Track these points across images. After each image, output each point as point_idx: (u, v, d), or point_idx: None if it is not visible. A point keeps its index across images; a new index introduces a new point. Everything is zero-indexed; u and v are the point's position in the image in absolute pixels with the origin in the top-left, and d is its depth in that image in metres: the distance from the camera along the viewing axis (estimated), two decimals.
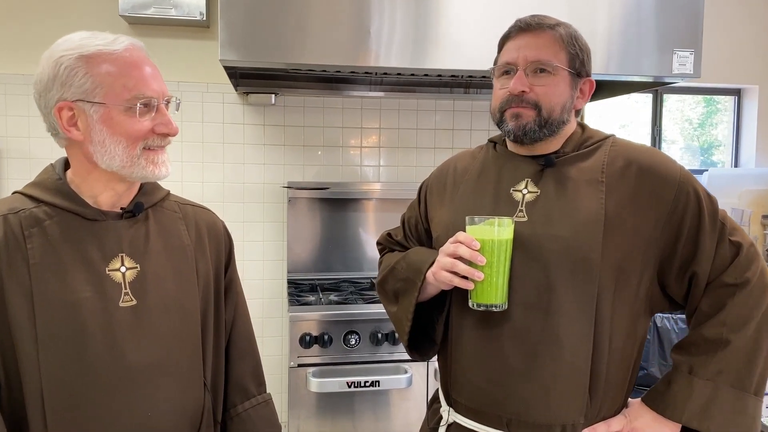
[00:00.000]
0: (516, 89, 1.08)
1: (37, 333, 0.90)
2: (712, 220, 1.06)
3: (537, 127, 1.08)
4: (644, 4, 2.12)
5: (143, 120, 0.94)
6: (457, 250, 1.04)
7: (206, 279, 1.08)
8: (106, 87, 0.92)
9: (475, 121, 2.76)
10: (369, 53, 2.00)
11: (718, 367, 1.03)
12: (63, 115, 0.94)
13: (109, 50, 0.93)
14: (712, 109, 3.21)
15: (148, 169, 0.96)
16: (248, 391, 1.13)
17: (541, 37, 1.09)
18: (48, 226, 0.94)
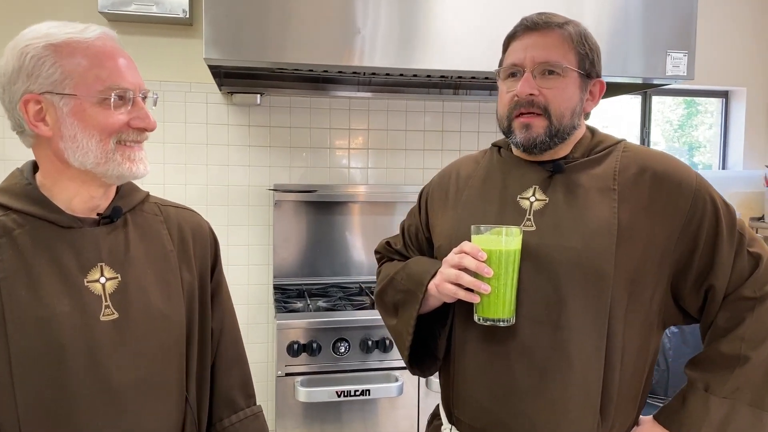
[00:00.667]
0: (524, 92, 1.02)
1: (10, 353, 0.82)
2: (730, 231, 1.01)
3: (548, 138, 1.03)
4: (637, 5, 2.09)
5: (118, 113, 0.88)
6: (462, 261, 0.98)
7: (191, 287, 1.01)
8: (77, 78, 0.86)
9: (465, 122, 2.72)
10: (357, 53, 1.95)
11: (736, 385, 0.98)
12: (29, 108, 0.86)
13: (79, 38, 0.87)
14: (693, 111, 3.21)
15: (124, 166, 0.89)
16: (236, 403, 1.06)
17: (549, 37, 1.03)
18: (18, 235, 0.87)
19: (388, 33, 1.97)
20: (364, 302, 2.17)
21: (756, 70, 3.00)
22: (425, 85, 2.58)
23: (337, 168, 2.62)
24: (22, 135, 0.91)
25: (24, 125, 0.88)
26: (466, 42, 2.02)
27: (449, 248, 1.04)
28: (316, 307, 2.10)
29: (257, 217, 2.55)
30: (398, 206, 2.60)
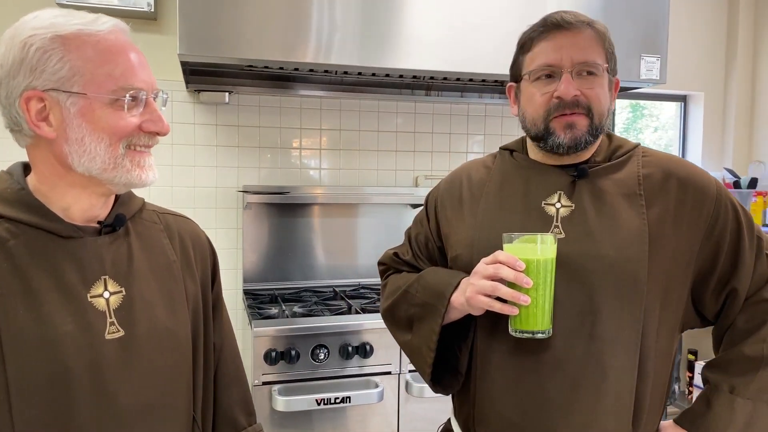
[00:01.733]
0: (569, 94, 0.98)
1: (7, 378, 0.73)
2: (751, 235, 1.02)
3: (591, 137, 1.00)
4: (613, 10, 2.12)
5: (130, 115, 0.80)
6: (498, 272, 0.92)
7: (195, 300, 0.94)
8: (86, 75, 0.77)
9: (437, 124, 2.70)
10: (328, 51, 1.92)
11: (759, 385, 0.99)
12: (31, 106, 0.77)
13: (90, 31, 0.78)
14: (638, 115, 3.28)
15: (133, 173, 0.81)
16: (237, 422, 0.99)
17: (583, 36, 0.99)
18: (13, 246, 0.77)
19: (360, 32, 1.94)
20: (341, 307, 2.11)
21: (713, 76, 3.10)
22: (397, 85, 2.55)
23: (308, 169, 2.56)
24: (18, 134, 0.82)
25: (22, 124, 0.79)
26: (438, 43, 2.01)
27: (470, 258, 1.00)
28: (292, 313, 2.03)
29: (225, 219, 2.46)
30: (371, 208, 2.56)
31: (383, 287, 1.22)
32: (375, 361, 1.95)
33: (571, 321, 0.97)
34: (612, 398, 0.96)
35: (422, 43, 1.99)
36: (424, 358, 1.06)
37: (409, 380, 1.97)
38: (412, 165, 2.68)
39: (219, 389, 0.99)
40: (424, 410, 2.01)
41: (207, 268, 0.99)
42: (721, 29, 3.10)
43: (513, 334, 0.96)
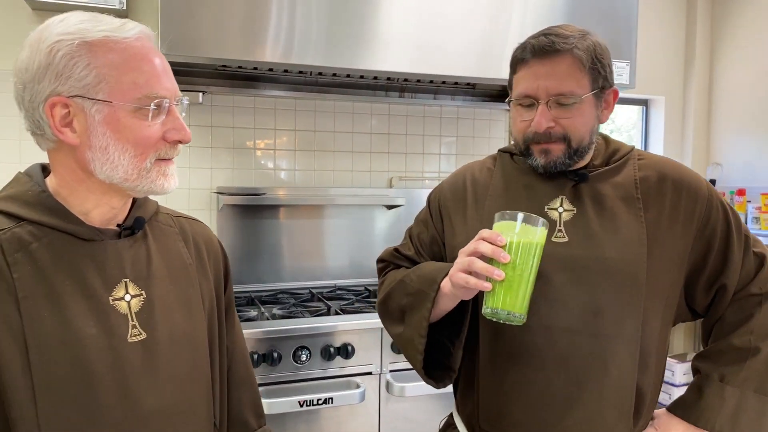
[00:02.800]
0: (541, 127, 1.00)
1: (33, 381, 0.72)
2: (739, 233, 1.07)
3: (568, 159, 1.03)
4: (582, 15, 2.18)
5: (154, 124, 0.79)
6: (478, 247, 0.93)
7: (210, 304, 0.94)
8: (111, 82, 0.76)
9: (411, 125, 2.72)
10: (301, 52, 1.91)
11: (747, 374, 1.04)
12: (56, 112, 0.77)
13: (117, 38, 0.77)
14: None
15: (157, 182, 0.81)
16: (248, 424, 1.00)
17: (561, 64, 0.99)
18: (35, 249, 0.76)
19: (333, 33, 1.94)
20: (320, 308, 2.11)
21: (673, 80, 3.22)
22: (371, 87, 2.56)
23: (282, 170, 2.54)
24: (40, 137, 0.81)
25: (45, 128, 0.78)
26: (409, 45, 2.03)
27: None
28: (272, 315, 2.02)
29: None
30: (346, 209, 2.57)
31: (381, 283, 1.23)
32: (356, 362, 1.96)
33: (575, 320, 1.00)
34: (615, 393, 1.00)
35: (392, 45, 2.01)
36: (415, 346, 1.05)
37: (390, 380, 1.98)
38: (387, 166, 2.70)
39: (231, 391, 0.98)
40: (405, 410, 2.03)
41: (220, 271, 0.98)
42: (680, 35, 3.22)
43: (484, 313, 0.94)
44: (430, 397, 2.04)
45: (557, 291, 1.00)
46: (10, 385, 0.72)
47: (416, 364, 1.08)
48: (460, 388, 1.15)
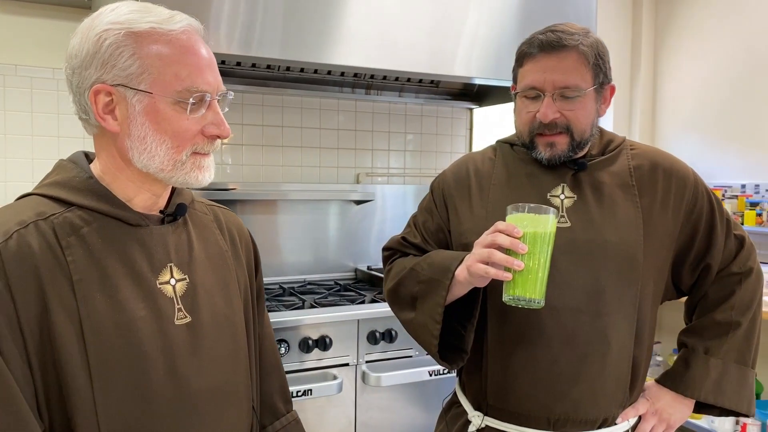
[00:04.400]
0: (547, 117, 1.06)
1: (89, 362, 0.74)
2: (722, 218, 1.17)
3: (571, 152, 1.10)
4: (542, 15, 2.28)
5: (193, 117, 0.80)
6: (495, 240, 0.98)
7: (245, 290, 0.96)
8: (154, 73, 0.77)
9: (377, 122, 2.77)
10: (268, 44, 1.91)
11: (729, 347, 1.14)
12: (99, 99, 0.78)
13: (164, 30, 0.78)
14: None
15: (192, 174, 0.82)
16: (277, 409, 1.03)
17: (567, 59, 1.06)
18: (86, 234, 0.78)
19: (299, 28, 1.95)
20: (295, 302, 2.13)
21: (621, 83, 3.39)
22: (338, 83, 2.60)
23: (250, 165, 2.54)
24: (86, 123, 0.82)
25: (90, 114, 0.79)
26: (378, 41, 2.05)
27: None
28: None
29: None
30: (315, 205, 2.59)
31: (388, 271, 1.26)
32: (334, 354, 1.99)
33: (579, 300, 1.07)
34: (614, 366, 1.08)
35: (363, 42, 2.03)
36: (430, 331, 1.10)
37: (366, 371, 2.03)
38: (354, 162, 2.74)
39: (261, 377, 1.01)
40: (380, 399, 2.08)
41: (251, 259, 1.01)
42: (626, 40, 3.40)
43: (506, 301, 0.99)
44: (404, 386, 2.10)
45: (561, 273, 1.07)
46: (67, 364, 0.74)
47: (431, 348, 1.12)
48: (465, 368, 1.21)
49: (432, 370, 2.10)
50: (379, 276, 2.49)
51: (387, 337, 2.06)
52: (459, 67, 2.19)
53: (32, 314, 0.73)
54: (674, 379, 1.17)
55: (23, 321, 0.72)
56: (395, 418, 2.13)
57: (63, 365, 0.74)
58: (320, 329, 1.97)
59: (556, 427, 1.10)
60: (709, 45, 3.22)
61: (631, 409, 1.13)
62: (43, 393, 0.74)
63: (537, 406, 1.09)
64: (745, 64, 3.07)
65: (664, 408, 1.16)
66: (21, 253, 0.74)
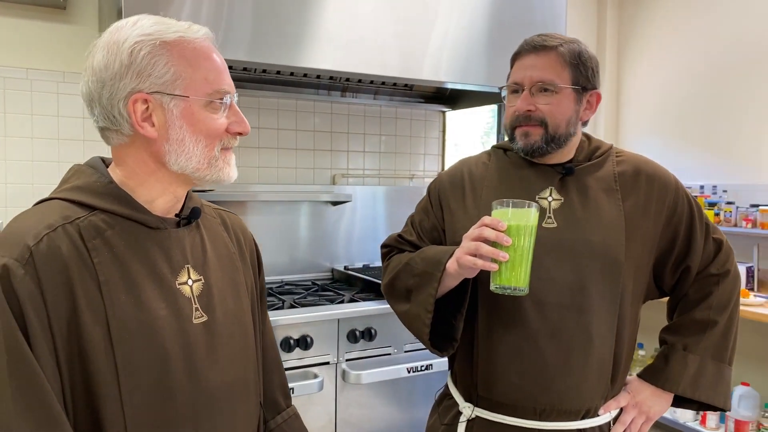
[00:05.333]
0: (521, 109, 1.15)
1: (116, 360, 0.77)
2: (701, 222, 1.24)
3: (544, 144, 1.17)
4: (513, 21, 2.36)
5: (222, 116, 0.85)
6: (482, 233, 1.04)
7: (251, 290, 1.00)
8: (186, 79, 0.82)
9: (352, 124, 2.81)
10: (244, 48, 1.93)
11: (706, 344, 1.21)
12: (137, 108, 0.81)
13: (190, 38, 0.83)
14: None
15: (224, 170, 0.87)
16: (278, 404, 1.06)
17: (545, 58, 1.15)
18: (110, 236, 0.81)
19: (277, 31, 1.97)
20: (275, 302, 2.16)
21: None
22: (314, 86, 2.63)
23: None
24: (114, 132, 0.84)
25: (123, 124, 0.82)
26: (349, 44, 2.08)
27: None
28: None
29: None
30: (291, 206, 2.61)
31: (385, 267, 1.32)
32: (314, 353, 2.03)
33: (564, 296, 1.14)
34: (597, 360, 1.15)
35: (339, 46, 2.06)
36: (422, 320, 1.16)
37: (346, 369, 2.07)
38: (330, 164, 2.77)
39: (263, 374, 1.04)
40: (359, 396, 2.13)
41: (254, 259, 1.05)
42: (591, 43, 3.51)
43: (493, 289, 1.06)
44: (383, 383, 2.15)
45: (548, 270, 1.13)
46: (95, 362, 0.77)
47: (423, 336, 1.18)
48: (457, 361, 1.26)
49: (410, 367, 2.16)
50: (355, 276, 2.54)
51: (366, 336, 2.11)
52: (428, 71, 2.24)
53: (62, 314, 0.76)
54: (654, 373, 1.24)
55: (53, 321, 0.75)
56: (374, 414, 2.18)
57: (90, 363, 0.77)
58: (301, 329, 2.01)
59: (542, 417, 1.16)
60: (670, 51, 3.36)
61: (612, 402, 1.20)
62: (69, 390, 0.77)
63: (524, 397, 1.15)
64: (703, 69, 3.22)
65: (644, 401, 1.23)
66: (51, 255, 0.76)
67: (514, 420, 1.17)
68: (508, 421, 1.18)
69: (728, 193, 3.09)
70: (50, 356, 0.75)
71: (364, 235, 2.80)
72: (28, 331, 0.73)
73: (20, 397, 0.71)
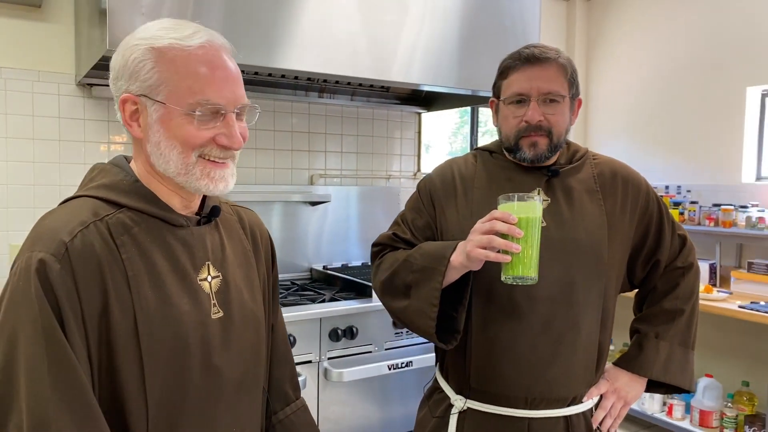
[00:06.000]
0: (534, 119, 1.20)
1: (141, 352, 0.80)
2: (668, 220, 1.33)
3: (550, 153, 1.23)
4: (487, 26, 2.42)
5: (203, 129, 0.84)
6: (494, 226, 1.08)
7: (265, 285, 1.03)
8: (170, 86, 0.82)
9: (330, 125, 2.83)
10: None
11: (675, 331, 1.30)
12: (127, 108, 0.84)
13: (181, 45, 0.83)
14: (465, 120, 3.63)
15: (201, 182, 0.86)
16: (288, 396, 1.09)
17: (549, 69, 1.20)
18: (137, 233, 0.84)
19: (255, 32, 1.97)
20: None
21: None
22: (292, 86, 2.64)
23: None
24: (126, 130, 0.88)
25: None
26: (332, 46, 2.10)
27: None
28: None
29: None
30: (269, 206, 2.62)
31: (378, 264, 1.34)
32: (297, 352, 2.05)
33: (554, 291, 1.20)
34: (584, 350, 1.22)
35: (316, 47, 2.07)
36: (427, 314, 1.18)
37: (328, 367, 2.10)
38: (307, 164, 2.79)
39: (273, 366, 1.07)
40: (340, 394, 2.15)
41: (268, 254, 1.07)
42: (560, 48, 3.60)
43: (505, 280, 1.10)
44: (364, 380, 2.18)
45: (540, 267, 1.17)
46: (122, 354, 0.79)
47: (429, 330, 1.20)
48: (449, 355, 1.30)
49: (391, 365, 2.19)
50: (335, 275, 2.56)
51: (348, 334, 2.14)
52: (398, 73, 2.26)
53: (94, 308, 0.78)
54: (629, 361, 1.33)
55: (86, 314, 0.78)
56: (356, 411, 2.21)
57: (117, 354, 0.79)
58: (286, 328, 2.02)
59: (532, 406, 1.22)
60: (637, 56, 3.47)
61: (594, 389, 1.28)
62: (97, 381, 0.79)
63: (517, 387, 1.21)
64: (668, 73, 3.34)
65: (622, 387, 1.31)
66: (85, 251, 0.79)
67: (505, 410, 1.22)
68: (499, 411, 1.23)
69: (692, 193, 3.21)
70: (83, 349, 0.77)
71: (341, 235, 2.83)
72: (64, 324, 0.75)
73: (58, 387, 0.73)
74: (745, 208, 2.92)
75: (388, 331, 2.26)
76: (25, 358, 0.74)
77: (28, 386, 0.73)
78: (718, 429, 2.82)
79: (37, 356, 0.73)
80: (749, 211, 2.90)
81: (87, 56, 2.06)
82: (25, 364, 0.74)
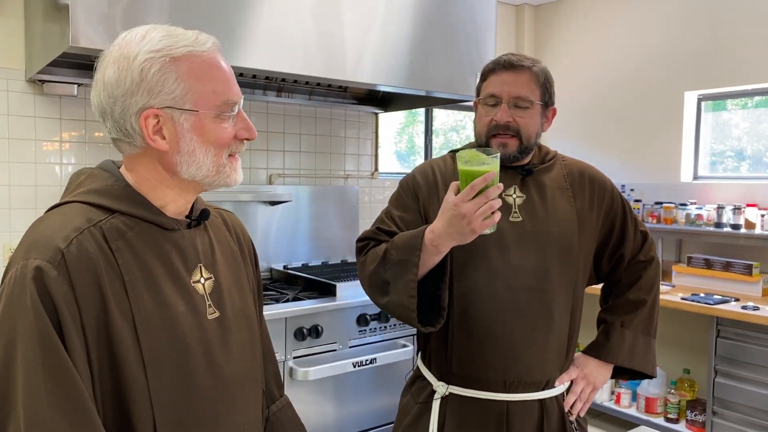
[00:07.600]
0: (502, 120, 1.27)
1: (143, 355, 0.80)
2: (631, 216, 1.43)
3: (519, 153, 1.31)
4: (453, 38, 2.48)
5: (229, 128, 0.87)
6: (489, 194, 1.10)
7: (251, 285, 1.03)
8: (196, 93, 0.83)
9: (288, 124, 2.83)
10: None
11: (638, 320, 1.40)
12: (148, 123, 0.82)
13: (197, 51, 0.84)
14: (411, 120, 3.71)
15: (231, 176, 0.89)
16: (273, 394, 1.10)
17: (522, 76, 1.28)
18: (131, 238, 0.83)
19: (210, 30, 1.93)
20: None
21: None
22: (250, 85, 2.63)
23: None
24: (127, 144, 0.85)
25: (135, 137, 0.83)
26: (286, 45, 2.09)
27: None
28: None
29: None
30: (229, 206, 2.60)
31: (362, 262, 1.36)
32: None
33: (530, 280, 1.27)
34: (556, 335, 1.30)
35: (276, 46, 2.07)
36: (407, 307, 1.21)
37: (293, 366, 2.10)
38: (266, 164, 2.78)
39: None
40: (306, 392, 2.16)
41: (251, 254, 1.08)
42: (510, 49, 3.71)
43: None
44: (329, 378, 2.20)
45: (515, 258, 1.27)
46: (124, 358, 0.79)
47: (412, 321, 1.23)
48: (431, 344, 1.36)
49: (356, 362, 2.22)
50: (296, 275, 2.56)
51: (313, 333, 2.15)
52: (351, 72, 2.28)
53: (93, 314, 0.78)
54: (597, 348, 1.42)
55: (86, 321, 0.77)
56: (322, 409, 2.22)
57: (119, 359, 0.79)
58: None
59: (510, 389, 1.29)
60: (581, 61, 3.62)
61: (565, 375, 1.36)
62: (99, 386, 0.78)
63: (496, 371, 1.28)
64: (611, 79, 3.49)
65: (591, 373, 1.39)
66: (81, 257, 0.78)
67: (485, 394, 1.29)
68: (479, 395, 1.29)
69: (635, 192, 3.38)
70: (83, 355, 0.76)
71: (301, 234, 2.83)
72: (62, 331, 0.75)
73: (55, 394, 0.73)
74: (685, 206, 3.09)
75: (352, 330, 2.28)
76: (22, 367, 0.73)
77: (26, 393, 0.73)
78: (662, 415, 2.98)
79: (34, 364, 0.73)
80: (688, 208, 3.08)
81: (41, 52, 1.99)
82: (23, 372, 0.73)
